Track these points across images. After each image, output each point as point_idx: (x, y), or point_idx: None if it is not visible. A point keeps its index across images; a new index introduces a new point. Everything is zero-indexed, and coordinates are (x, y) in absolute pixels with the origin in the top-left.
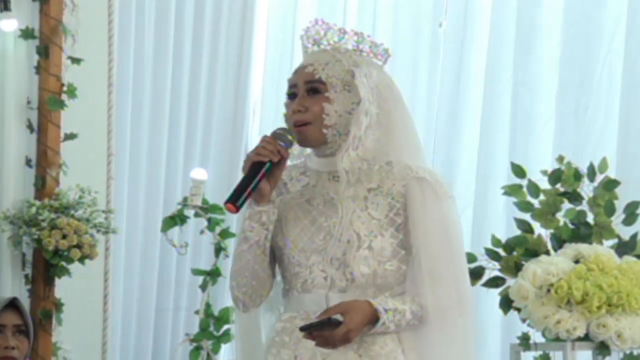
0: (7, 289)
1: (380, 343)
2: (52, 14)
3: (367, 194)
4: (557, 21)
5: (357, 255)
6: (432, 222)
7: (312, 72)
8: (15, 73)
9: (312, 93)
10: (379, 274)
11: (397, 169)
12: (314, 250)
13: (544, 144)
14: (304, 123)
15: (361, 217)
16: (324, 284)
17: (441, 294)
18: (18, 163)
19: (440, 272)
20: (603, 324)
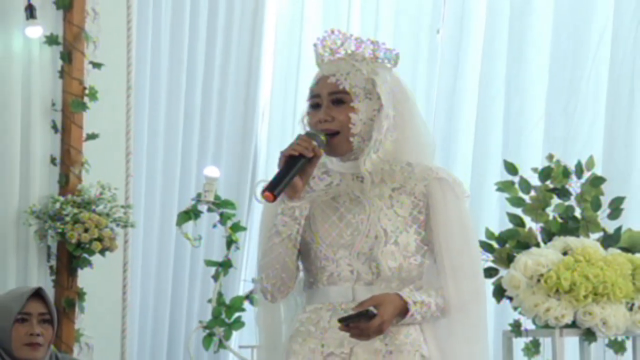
0: (34, 279)
1: (405, 332)
2: (74, 21)
3: (391, 192)
4: (547, 29)
5: (385, 250)
6: (453, 220)
7: (336, 82)
8: (40, 77)
9: (337, 103)
10: (405, 267)
11: (417, 170)
12: (342, 245)
13: (534, 143)
14: (333, 132)
15: (387, 215)
16: (350, 277)
17: (463, 288)
18: (43, 161)
19: (462, 268)
20: (589, 311)
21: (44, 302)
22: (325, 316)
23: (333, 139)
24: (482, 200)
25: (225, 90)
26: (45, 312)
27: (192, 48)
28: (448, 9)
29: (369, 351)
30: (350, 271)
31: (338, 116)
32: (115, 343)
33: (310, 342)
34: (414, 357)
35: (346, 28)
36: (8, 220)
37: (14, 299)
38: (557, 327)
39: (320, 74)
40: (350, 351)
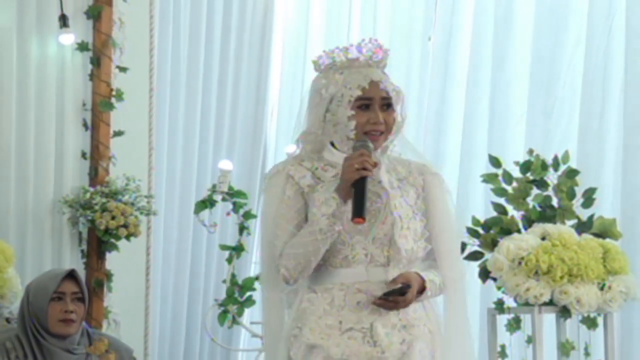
0: (67, 261)
1: (413, 308)
2: (103, 30)
3: (398, 183)
4: (528, 37)
5: (402, 234)
6: (445, 210)
7: (386, 89)
8: (72, 80)
9: (386, 108)
10: (415, 250)
11: (414, 165)
12: (358, 231)
13: (516, 139)
14: (382, 132)
15: (400, 202)
16: (364, 260)
17: (455, 268)
18: (75, 156)
19: (454, 251)
20: (565, 291)
21: (76, 282)
22: (338, 295)
23: (379, 138)
24: (469, 191)
25: (237, 91)
26: (77, 291)
27: (208, 53)
28: (438, 18)
29: (386, 325)
30: (365, 254)
31: (387, 119)
32: (140, 319)
33: (327, 319)
34: (424, 330)
35: (347, 34)
36: (44, 209)
37: (49, 279)
38: (536, 305)
39: (369, 79)
40: (370, 326)
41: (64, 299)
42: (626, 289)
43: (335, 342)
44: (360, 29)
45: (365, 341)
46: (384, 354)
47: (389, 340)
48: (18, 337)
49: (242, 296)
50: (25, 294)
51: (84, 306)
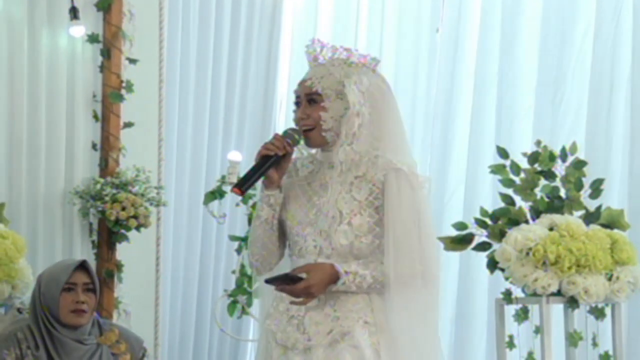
0: (78, 252)
1: (353, 301)
2: (113, 22)
3: (353, 180)
4: (536, 29)
5: (339, 229)
6: (404, 206)
7: (311, 85)
8: (83, 72)
9: (312, 103)
10: (355, 245)
11: (381, 161)
12: (308, 223)
13: (524, 130)
14: (308, 128)
15: (345, 198)
16: (314, 251)
17: (403, 264)
18: (86, 147)
19: (405, 247)
20: (573, 281)
21: (87, 273)
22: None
23: (309, 133)
24: (477, 182)
25: (246, 82)
26: (89, 282)
27: (217, 45)
28: (446, 11)
29: (319, 315)
30: (314, 246)
31: (312, 114)
32: (150, 309)
33: (281, 305)
34: (357, 323)
35: (355, 28)
36: (55, 200)
37: (61, 270)
38: (544, 296)
39: (302, 78)
40: (304, 314)
41: (75, 290)
42: (634, 280)
43: (282, 327)
44: (368, 21)
45: (298, 328)
46: (310, 341)
47: (317, 329)
48: (29, 328)
49: (251, 287)
50: (37, 285)
51: (95, 297)
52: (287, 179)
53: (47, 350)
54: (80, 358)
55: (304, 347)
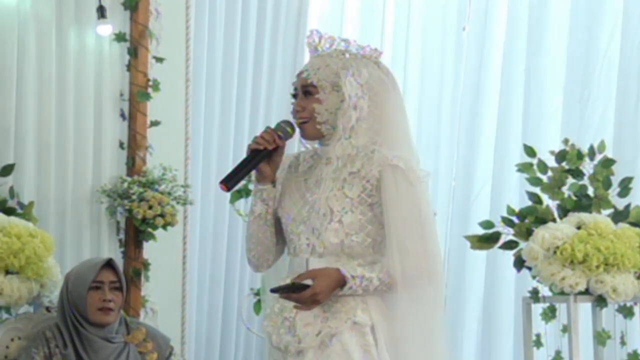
0: (105, 250)
1: (342, 301)
2: (140, 20)
3: (347, 176)
4: (564, 27)
5: (329, 227)
6: (403, 203)
7: (307, 77)
8: (110, 70)
9: (307, 95)
10: (346, 244)
11: (376, 157)
12: (301, 221)
13: (551, 128)
14: (304, 120)
15: (337, 195)
16: (306, 250)
17: (409, 265)
18: (113, 146)
19: (410, 246)
20: (601, 280)
21: (114, 272)
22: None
23: (304, 126)
24: (504, 180)
25: (272, 80)
26: (115, 280)
27: (243, 43)
28: (473, 9)
29: (309, 316)
30: (307, 244)
31: (307, 106)
32: (177, 308)
33: (276, 306)
34: (346, 322)
35: (381, 28)
36: (83, 199)
37: (88, 268)
38: (572, 294)
39: (300, 70)
40: (295, 315)
41: (102, 288)
42: None
43: (276, 330)
44: (394, 20)
45: (289, 330)
46: (300, 343)
47: (306, 330)
48: (58, 326)
49: None
50: (65, 284)
51: (122, 295)
52: (287, 174)
53: (75, 349)
54: (108, 356)
55: (295, 350)
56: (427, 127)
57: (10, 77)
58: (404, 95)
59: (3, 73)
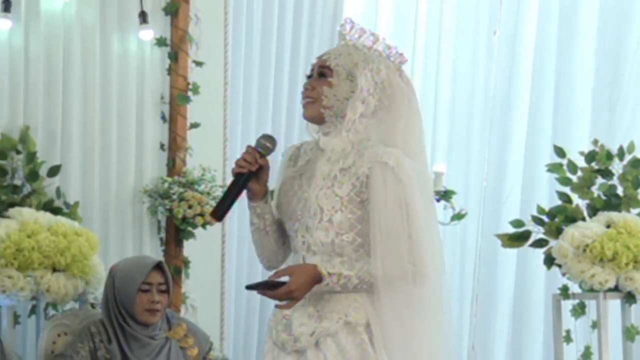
0: (147, 248)
1: (335, 301)
2: (180, 26)
3: (337, 173)
4: (593, 29)
5: (319, 226)
6: (391, 201)
7: (326, 59)
8: (151, 74)
9: (321, 76)
10: (337, 243)
11: (367, 153)
12: (296, 219)
13: (581, 129)
14: (309, 100)
15: (326, 194)
16: (302, 247)
17: (391, 265)
18: (154, 147)
19: (393, 246)
20: (630, 277)
21: (163, 274)
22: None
23: (308, 104)
24: (534, 180)
25: None
26: (163, 282)
27: (280, 48)
28: (504, 13)
29: (303, 315)
30: (302, 242)
31: (317, 87)
32: (216, 304)
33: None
34: (338, 322)
35: (413, 31)
36: (126, 199)
37: (138, 269)
38: (601, 291)
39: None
40: (291, 314)
41: (150, 290)
42: None
43: (275, 326)
44: (426, 24)
45: (286, 328)
46: (296, 343)
47: (301, 330)
48: (102, 322)
49: None
50: (110, 280)
51: (167, 297)
52: (285, 169)
53: (119, 344)
54: (150, 352)
55: (292, 348)
56: (458, 128)
57: (56, 81)
58: (437, 97)
59: (49, 77)
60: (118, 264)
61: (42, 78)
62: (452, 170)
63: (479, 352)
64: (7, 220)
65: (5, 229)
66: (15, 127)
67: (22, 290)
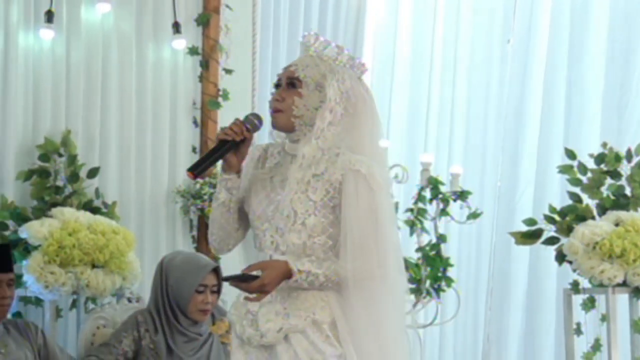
0: (180, 246)
1: (302, 299)
2: (211, 35)
3: (311, 178)
4: (602, 38)
5: (292, 228)
6: (362, 207)
7: (294, 70)
8: (184, 81)
9: (290, 87)
10: (308, 245)
11: (340, 160)
12: (266, 219)
13: (591, 133)
14: (278, 110)
15: (300, 198)
16: (270, 247)
17: (360, 266)
18: (186, 150)
19: (364, 249)
20: (638, 273)
21: (216, 277)
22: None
23: (278, 114)
24: (546, 181)
25: None
26: (216, 284)
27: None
28: (517, 22)
29: (270, 312)
30: (271, 242)
31: (287, 98)
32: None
33: (241, 296)
34: (305, 320)
35: (431, 40)
36: (159, 199)
37: (196, 270)
38: (610, 286)
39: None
40: (258, 309)
41: (205, 292)
42: None
43: (239, 320)
44: (443, 33)
45: (252, 323)
46: (262, 338)
47: (268, 326)
48: (150, 312)
49: None
50: (162, 275)
51: (217, 297)
52: (254, 170)
53: (164, 336)
54: (194, 348)
55: (257, 343)
56: (474, 131)
57: (95, 88)
58: (453, 102)
59: (89, 84)
60: (172, 259)
61: (82, 85)
62: (468, 172)
63: (494, 343)
64: (50, 220)
65: (49, 227)
66: (58, 131)
67: (64, 286)
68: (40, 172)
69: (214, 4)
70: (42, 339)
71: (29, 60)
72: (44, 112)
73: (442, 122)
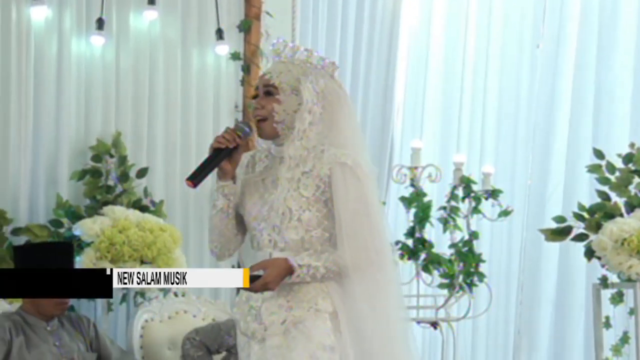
0: None
1: (304, 292)
2: (252, 41)
3: (300, 176)
4: (631, 40)
5: (289, 225)
6: (351, 197)
7: (269, 78)
8: (226, 85)
9: (267, 95)
10: (306, 240)
11: (326, 155)
12: (262, 219)
13: (619, 134)
14: (261, 118)
15: (293, 196)
16: (269, 245)
17: (359, 255)
18: None
19: (359, 237)
20: None
21: None
22: None
23: (262, 124)
24: (576, 180)
25: (367, 90)
26: None
27: (342, 60)
28: (546, 27)
29: (274, 305)
30: (269, 240)
31: (266, 105)
32: None
33: (244, 294)
34: (308, 311)
35: (463, 45)
36: (203, 197)
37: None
38: (638, 281)
39: (263, 72)
40: (261, 304)
41: None
42: None
43: (243, 317)
44: (475, 38)
45: (256, 318)
46: (266, 331)
47: (271, 319)
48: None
49: None
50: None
51: None
52: (245, 175)
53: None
54: None
55: (261, 336)
56: (505, 132)
57: (143, 92)
58: (485, 105)
59: (137, 88)
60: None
61: (130, 89)
62: (499, 171)
63: (524, 336)
64: (102, 218)
65: (100, 225)
66: (108, 133)
67: None
68: (93, 172)
69: (255, 11)
70: (94, 331)
71: (82, 66)
72: (95, 115)
73: (474, 124)
